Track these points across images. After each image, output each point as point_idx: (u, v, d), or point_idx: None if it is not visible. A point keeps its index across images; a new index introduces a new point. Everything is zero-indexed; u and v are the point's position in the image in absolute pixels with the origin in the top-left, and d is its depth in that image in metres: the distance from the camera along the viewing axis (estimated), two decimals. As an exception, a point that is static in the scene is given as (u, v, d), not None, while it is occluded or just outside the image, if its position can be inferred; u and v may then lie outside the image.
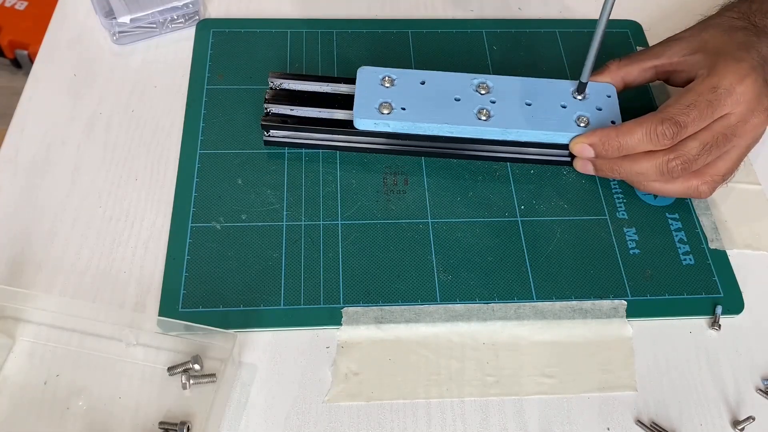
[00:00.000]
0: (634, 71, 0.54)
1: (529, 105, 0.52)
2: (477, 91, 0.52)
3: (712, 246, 0.51)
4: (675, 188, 0.50)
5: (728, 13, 0.53)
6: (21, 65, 1.50)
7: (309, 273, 0.48)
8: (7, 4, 1.49)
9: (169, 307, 0.46)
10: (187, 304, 0.47)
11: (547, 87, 0.53)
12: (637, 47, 0.62)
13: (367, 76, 0.53)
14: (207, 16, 0.63)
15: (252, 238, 0.50)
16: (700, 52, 0.51)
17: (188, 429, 0.42)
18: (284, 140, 0.53)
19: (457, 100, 0.52)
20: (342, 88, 0.54)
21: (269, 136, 0.53)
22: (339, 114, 0.52)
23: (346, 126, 0.52)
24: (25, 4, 1.50)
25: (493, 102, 0.52)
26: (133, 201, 0.52)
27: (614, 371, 0.46)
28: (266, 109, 0.52)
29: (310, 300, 0.47)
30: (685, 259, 0.50)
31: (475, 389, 0.45)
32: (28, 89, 0.58)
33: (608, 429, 0.44)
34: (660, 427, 0.44)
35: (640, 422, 0.44)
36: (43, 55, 0.60)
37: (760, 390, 0.46)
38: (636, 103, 0.55)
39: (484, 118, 0.51)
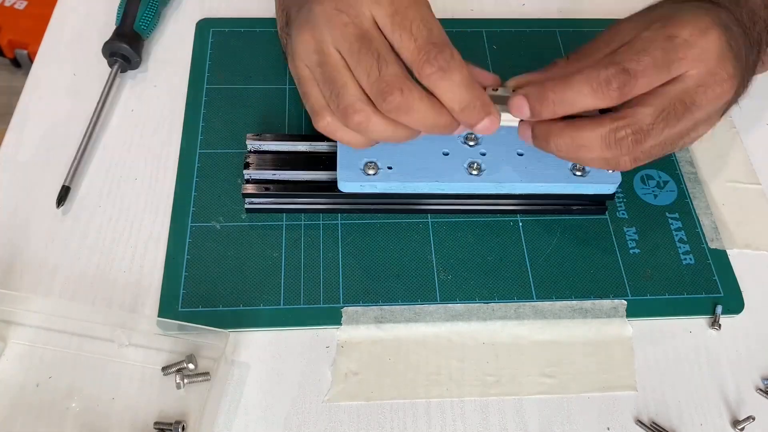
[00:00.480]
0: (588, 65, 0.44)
1: (521, 155, 0.49)
2: (465, 143, 0.49)
3: (712, 245, 0.51)
4: (587, 135, 0.41)
5: None
6: (21, 65, 1.50)
7: (309, 273, 0.48)
8: (7, 4, 1.49)
9: (168, 306, 0.46)
10: (187, 303, 0.47)
11: None
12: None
13: None
14: (207, 16, 0.63)
15: (252, 238, 0.50)
16: (655, 23, 0.41)
17: (183, 428, 0.42)
18: (268, 207, 0.50)
19: (446, 154, 0.49)
20: (323, 147, 0.51)
21: (251, 203, 0.50)
22: (323, 176, 0.49)
23: (333, 189, 0.48)
24: (25, 3, 1.50)
25: (483, 154, 0.49)
26: (132, 201, 0.52)
27: (614, 371, 0.46)
28: (246, 176, 0.49)
29: (309, 300, 0.47)
30: (685, 259, 0.50)
31: (475, 389, 0.45)
32: (27, 89, 0.58)
33: (608, 429, 0.44)
34: (660, 427, 0.44)
35: (640, 422, 0.44)
36: (42, 54, 0.60)
37: (760, 390, 0.46)
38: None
39: (475, 172, 0.48)
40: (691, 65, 0.40)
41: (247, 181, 0.49)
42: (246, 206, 0.50)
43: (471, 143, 0.49)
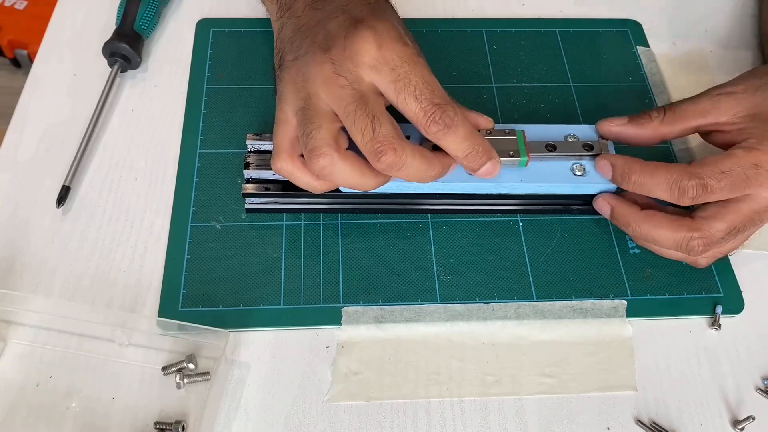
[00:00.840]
0: (675, 131, 0.48)
1: None
2: None
3: (712, 245, 0.51)
4: (665, 234, 0.46)
5: None
6: (21, 65, 1.50)
7: (309, 272, 0.48)
8: (7, 4, 1.49)
9: (168, 306, 0.46)
10: (187, 303, 0.47)
11: (540, 133, 0.49)
12: (637, 47, 0.62)
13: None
14: (207, 16, 0.63)
15: (252, 238, 0.50)
16: (753, 119, 0.45)
17: (183, 428, 0.42)
18: (268, 206, 0.50)
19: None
20: None
21: (251, 203, 0.50)
22: None
23: (335, 189, 0.47)
24: (25, 3, 1.49)
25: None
26: (132, 200, 0.52)
27: (614, 371, 0.46)
28: (246, 176, 0.49)
29: (309, 299, 0.47)
30: (685, 259, 0.50)
31: (475, 389, 0.45)
32: (27, 89, 0.58)
33: (608, 429, 0.44)
34: (660, 427, 0.44)
35: (640, 422, 0.44)
36: (42, 54, 0.60)
37: (760, 389, 0.46)
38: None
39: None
40: (765, 191, 0.44)
41: (247, 181, 0.49)
42: (246, 206, 0.50)
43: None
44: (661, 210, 0.47)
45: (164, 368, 0.44)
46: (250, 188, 0.49)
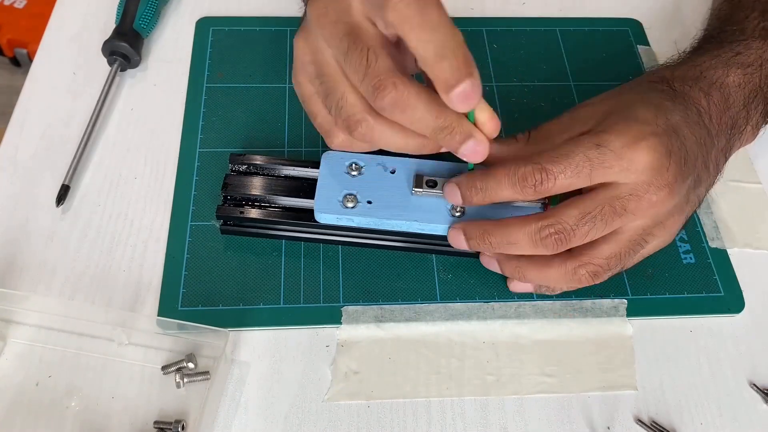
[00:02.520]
0: (541, 149, 0.44)
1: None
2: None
3: (712, 245, 0.51)
4: (553, 274, 0.43)
5: (648, 77, 0.47)
6: (20, 63, 1.50)
7: (309, 271, 0.48)
8: (6, 3, 1.49)
9: (168, 305, 0.46)
10: (187, 302, 0.47)
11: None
12: (638, 46, 0.62)
13: (333, 162, 0.46)
14: (206, 15, 0.63)
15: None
16: (609, 116, 0.42)
17: (183, 427, 0.42)
18: (243, 230, 0.49)
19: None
20: (309, 173, 0.48)
21: (225, 226, 0.49)
22: (303, 203, 0.47)
23: (310, 218, 0.46)
24: (25, 2, 1.49)
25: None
26: (132, 199, 0.52)
27: (614, 370, 0.46)
28: (223, 196, 0.48)
29: (309, 299, 0.47)
30: (685, 258, 0.50)
31: (476, 388, 0.45)
32: (27, 88, 0.58)
33: (608, 428, 0.44)
34: (660, 426, 0.44)
35: (640, 421, 0.44)
36: (42, 53, 0.60)
37: (760, 389, 0.45)
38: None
39: (458, 214, 0.45)
40: (619, 175, 0.40)
41: (224, 202, 0.48)
42: (220, 228, 0.49)
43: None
44: None
45: (164, 367, 0.44)
46: (224, 209, 0.47)
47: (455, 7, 0.65)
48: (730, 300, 0.49)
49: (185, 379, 0.44)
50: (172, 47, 0.61)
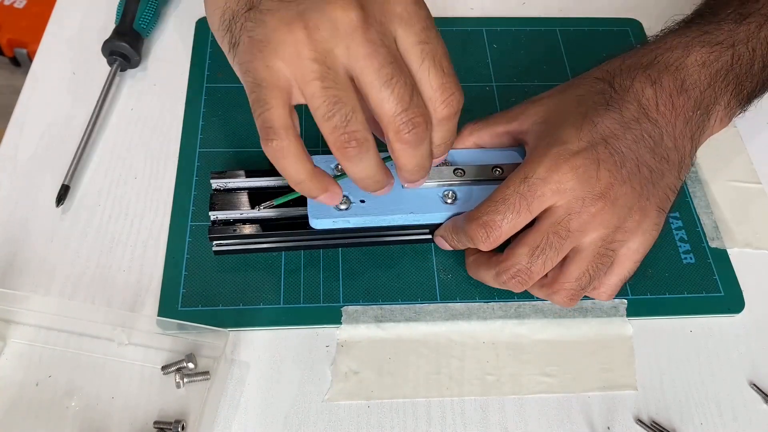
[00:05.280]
0: (485, 136, 0.48)
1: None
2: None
3: (712, 245, 0.51)
4: (542, 297, 0.45)
5: (596, 72, 0.47)
6: (20, 63, 1.49)
7: (309, 271, 0.48)
8: (6, 2, 1.49)
9: (168, 305, 0.46)
10: (187, 302, 0.47)
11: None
12: (637, 45, 0.62)
13: (318, 166, 0.42)
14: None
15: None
16: (545, 123, 0.44)
17: (183, 427, 0.42)
18: (237, 248, 0.47)
19: None
20: None
21: (218, 246, 0.47)
22: (294, 212, 0.46)
23: (305, 226, 0.46)
24: (24, 2, 1.49)
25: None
26: (132, 199, 0.52)
27: (615, 370, 0.46)
28: (212, 217, 0.46)
29: (309, 299, 0.47)
30: (685, 258, 0.50)
31: (476, 388, 0.45)
32: (27, 87, 0.58)
33: (608, 428, 0.44)
34: (660, 426, 0.44)
35: (640, 421, 0.44)
36: (41, 53, 0.60)
37: (759, 389, 0.46)
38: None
39: (450, 201, 0.46)
40: (553, 198, 0.41)
41: (213, 223, 0.46)
42: (213, 249, 0.47)
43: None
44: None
45: (164, 367, 0.44)
46: (216, 231, 0.46)
47: (455, 7, 0.65)
48: (730, 300, 0.49)
49: (185, 379, 0.44)
50: (172, 47, 0.61)
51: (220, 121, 0.55)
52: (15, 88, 0.60)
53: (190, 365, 0.44)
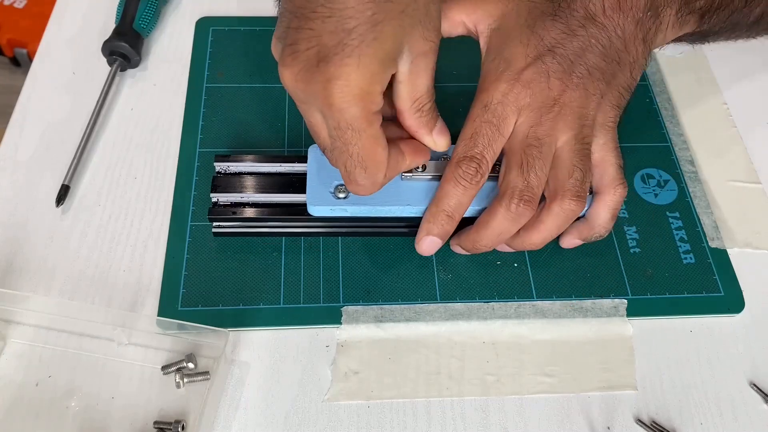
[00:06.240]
0: (444, 26, 0.48)
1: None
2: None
3: (712, 245, 0.51)
4: (549, 226, 0.45)
5: None
6: (20, 63, 1.50)
7: (309, 271, 0.48)
8: (6, 2, 1.49)
9: (168, 305, 0.46)
10: (187, 302, 0.47)
11: None
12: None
13: (319, 155, 0.45)
14: (206, 15, 0.63)
15: (251, 237, 0.49)
16: (498, 30, 0.46)
17: (183, 427, 0.42)
18: (236, 231, 0.48)
19: None
20: (296, 168, 0.48)
21: (218, 227, 0.48)
22: (294, 198, 0.47)
23: (303, 212, 0.46)
24: (24, 2, 1.49)
25: None
26: (132, 199, 0.52)
27: (615, 370, 0.46)
28: (213, 199, 0.47)
29: (309, 299, 0.47)
30: (685, 258, 0.50)
31: (476, 388, 0.45)
32: (27, 87, 0.58)
33: (608, 428, 0.44)
34: (660, 426, 0.44)
35: (640, 421, 0.44)
36: (41, 53, 0.60)
37: (759, 389, 0.46)
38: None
39: None
40: (515, 116, 0.44)
41: (215, 204, 0.47)
42: (213, 230, 0.48)
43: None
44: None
45: (164, 367, 0.44)
46: (216, 212, 0.47)
47: (455, 7, 0.65)
48: (730, 300, 0.49)
49: (185, 379, 0.44)
50: (172, 47, 0.61)
51: (220, 122, 0.55)
52: (15, 88, 0.60)
53: (190, 365, 0.44)
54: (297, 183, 0.48)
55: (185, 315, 0.46)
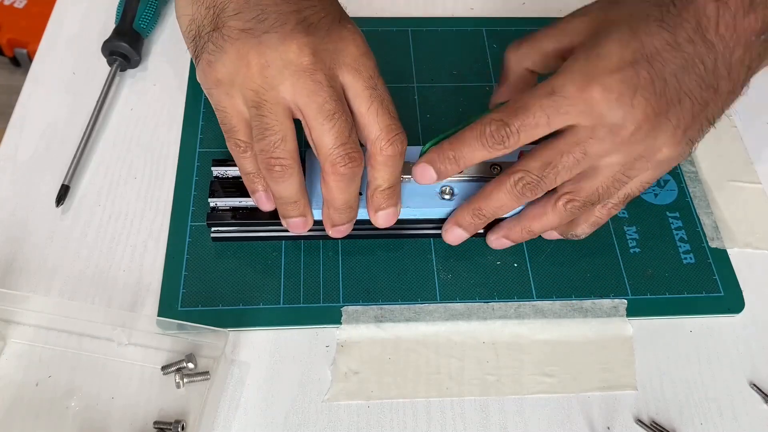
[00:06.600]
0: (535, 57, 0.45)
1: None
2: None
3: (712, 245, 0.51)
4: (551, 217, 0.44)
5: None
6: (20, 63, 1.50)
7: (308, 271, 0.48)
8: (6, 2, 1.49)
9: (168, 305, 0.46)
10: (187, 303, 0.47)
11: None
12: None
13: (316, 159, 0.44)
14: (206, 15, 0.63)
15: (243, 242, 0.49)
16: (595, 35, 0.41)
17: (183, 427, 0.42)
18: (235, 235, 0.49)
19: None
20: None
21: (216, 232, 0.48)
22: None
23: None
24: (25, 2, 1.49)
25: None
26: (132, 200, 0.52)
27: (614, 370, 0.46)
28: (211, 204, 0.48)
29: (309, 299, 0.47)
30: (685, 258, 0.50)
31: (475, 388, 0.45)
32: (26, 87, 0.58)
33: (608, 428, 0.44)
34: (660, 427, 0.44)
35: (640, 421, 0.44)
36: (42, 53, 0.60)
37: (759, 389, 0.46)
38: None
39: (447, 197, 0.47)
40: (578, 118, 0.39)
41: (213, 209, 0.48)
42: (212, 235, 0.48)
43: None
44: None
45: (164, 368, 0.44)
46: (214, 216, 0.47)
47: (456, 7, 0.65)
48: (730, 300, 0.49)
49: (185, 380, 0.44)
50: (172, 47, 0.61)
51: (220, 121, 0.55)
52: (15, 88, 0.60)
53: (190, 365, 0.44)
54: None
55: (185, 315, 0.46)
